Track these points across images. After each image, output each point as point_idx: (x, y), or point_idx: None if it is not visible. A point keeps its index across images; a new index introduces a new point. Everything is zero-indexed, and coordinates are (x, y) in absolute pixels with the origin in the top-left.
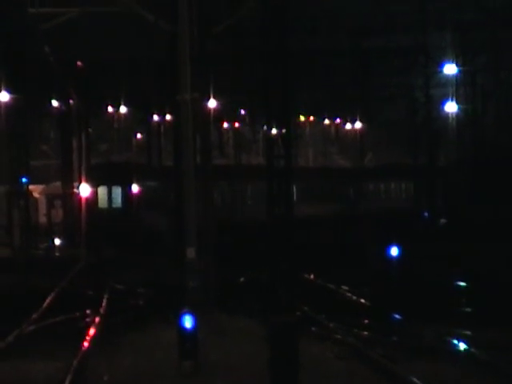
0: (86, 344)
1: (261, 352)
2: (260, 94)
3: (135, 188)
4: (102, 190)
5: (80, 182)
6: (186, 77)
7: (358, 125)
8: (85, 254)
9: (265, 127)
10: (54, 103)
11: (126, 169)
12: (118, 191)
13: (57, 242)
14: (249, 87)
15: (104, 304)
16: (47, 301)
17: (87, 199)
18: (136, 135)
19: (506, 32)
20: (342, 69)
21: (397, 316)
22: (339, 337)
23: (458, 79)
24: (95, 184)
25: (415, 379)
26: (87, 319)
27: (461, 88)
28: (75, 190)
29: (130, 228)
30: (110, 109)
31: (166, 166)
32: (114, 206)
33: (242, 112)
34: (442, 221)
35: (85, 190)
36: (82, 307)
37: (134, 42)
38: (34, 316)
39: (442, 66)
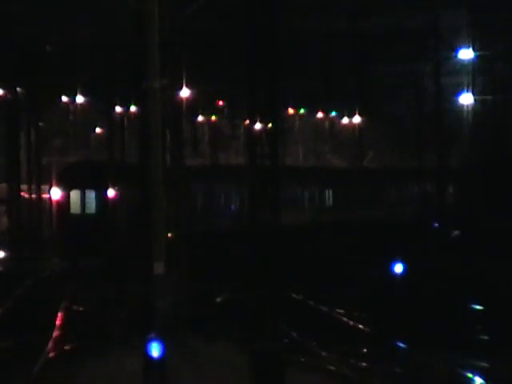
0: (37, 375)
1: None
2: (242, 82)
3: (111, 192)
4: (75, 194)
5: (30, 184)
6: (155, 61)
7: (357, 119)
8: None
9: (247, 121)
10: None
11: (101, 169)
12: (91, 195)
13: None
14: (228, 74)
15: (60, 325)
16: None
17: (58, 203)
18: (95, 129)
19: None
20: (339, 54)
21: (400, 344)
22: (333, 368)
23: (474, 66)
24: (67, 187)
25: None
26: (41, 344)
27: (477, 77)
28: (23, 194)
29: (102, 238)
30: (64, 98)
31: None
32: (87, 212)
33: (220, 103)
34: (456, 232)
35: (56, 193)
36: (36, 330)
37: (96, 21)
38: None
39: (456, 51)
